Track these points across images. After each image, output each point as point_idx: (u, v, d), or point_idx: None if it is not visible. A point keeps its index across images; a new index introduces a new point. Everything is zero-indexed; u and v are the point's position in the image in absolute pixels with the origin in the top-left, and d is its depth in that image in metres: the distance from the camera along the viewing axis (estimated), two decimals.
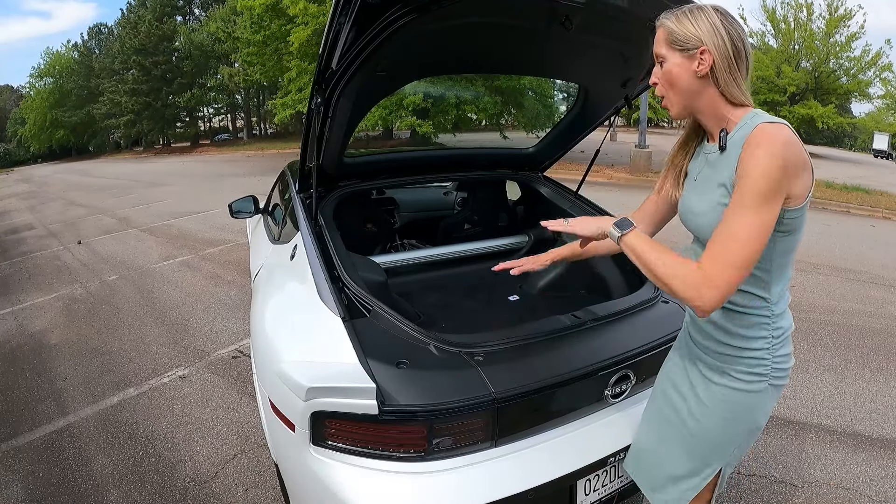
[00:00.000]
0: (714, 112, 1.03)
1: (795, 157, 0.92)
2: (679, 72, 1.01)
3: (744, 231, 0.92)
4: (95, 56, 44.42)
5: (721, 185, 1.01)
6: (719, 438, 1.16)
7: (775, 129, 0.92)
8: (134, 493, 2.13)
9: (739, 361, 1.09)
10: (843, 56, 24.73)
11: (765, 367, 1.08)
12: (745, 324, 1.07)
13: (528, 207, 2.98)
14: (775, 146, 0.90)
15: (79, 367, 3.34)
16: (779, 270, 1.04)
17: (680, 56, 1.01)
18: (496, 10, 1.55)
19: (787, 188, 0.92)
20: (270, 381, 1.45)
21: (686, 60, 1.00)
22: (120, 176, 19.69)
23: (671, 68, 1.02)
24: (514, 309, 2.25)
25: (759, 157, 0.90)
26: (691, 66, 1.00)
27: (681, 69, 1.01)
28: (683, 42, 1.00)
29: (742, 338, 1.07)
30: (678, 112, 1.06)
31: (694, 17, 1.00)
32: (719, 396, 1.12)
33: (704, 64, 0.98)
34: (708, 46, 0.98)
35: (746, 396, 1.10)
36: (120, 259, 6.20)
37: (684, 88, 1.02)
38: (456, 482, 1.24)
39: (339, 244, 1.77)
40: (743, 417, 1.12)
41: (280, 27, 16.23)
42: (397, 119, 14.04)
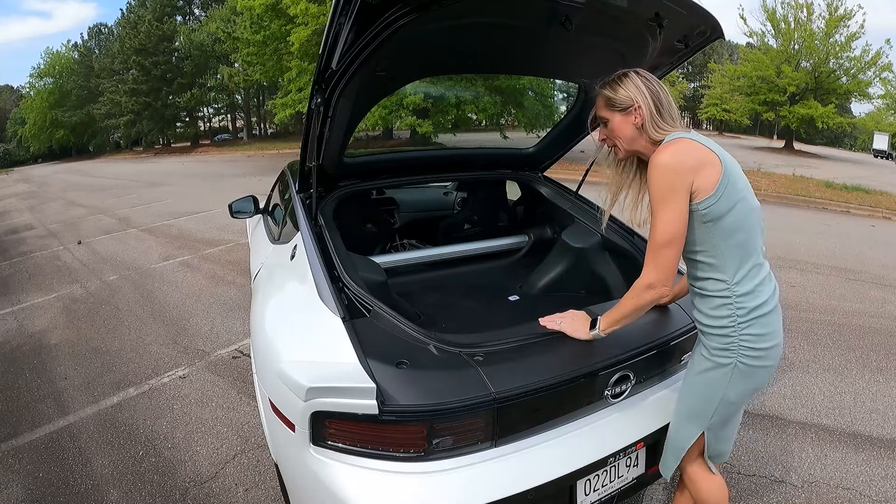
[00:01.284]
0: (645, 150, 1.31)
1: (682, 161, 1.18)
2: (621, 126, 1.31)
3: (658, 222, 1.20)
4: (95, 56, 44.45)
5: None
6: (696, 405, 1.36)
7: (666, 149, 1.21)
8: (134, 493, 2.13)
9: (711, 338, 1.29)
10: (842, 56, 24.74)
11: (732, 344, 1.25)
12: (710, 305, 1.28)
13: (528, 207, 2.98)
14: (662, 159, 1.19)
15: (79, 367, 3.34)
16: (730, 253, 1.22)
17: (620, 115, 1.30)
18: (496, 10, 1.54)
19: (683, 184, 1.18)
20: (270, 381, 1.45)
21: (625, 117, 1.30)
22: (120, 176, 19.70)
23: (614, 125, 1.32)
24: (514, 309, 2.25)
25: (651, 173, 1.21)
26: (629, 120, 1.29)
27: (623, 124, 1.31)
28: (621, 104, 1.29)
29: (709, 316, 1.28)
30: (624, 155, 1.36)
31: (623, 83, 1.29)
32: (698, 366, 1.34)
33: (639, 118, 1.28)
34: (639, 102, 1.27)
35: (716, 370, 1.29)
36: (120, 259, 6.20)
37: (628, 137, 1.31)
38: (456, 482, 1.24)
39: (339, 244, 1.77)
40: (714, 389, 1.31)
41: (280, 27, 16.22)
42: (397, 119, 14.03)
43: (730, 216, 1.20)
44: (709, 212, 1.20)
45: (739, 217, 1.21)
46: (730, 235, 1.21)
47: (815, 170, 15.59)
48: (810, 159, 22.19)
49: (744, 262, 1.23)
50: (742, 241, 1.23)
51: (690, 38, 1.81)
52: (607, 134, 1.34)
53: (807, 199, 9.48)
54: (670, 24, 1.65)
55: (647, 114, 1.26)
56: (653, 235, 1.22)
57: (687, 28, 1.75)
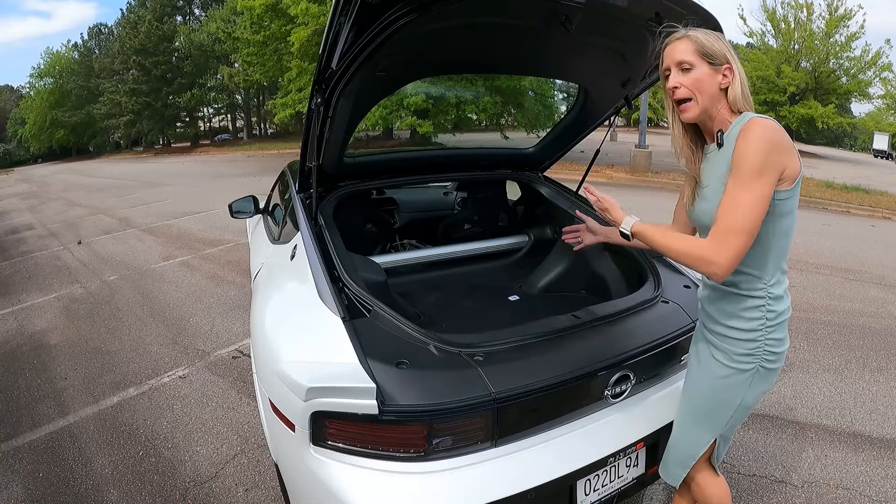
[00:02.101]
0: (721, 118, 1.17)
1: (782, 140, 1.08)
2: (708, 80, 1.14)
3: (743, 202, 1.07)
4: (95, 56, 44.43)
5: (723, 175, 1.13)
6: (712, 411, 1.30)
7: (764, 119, 1.09)
8: (134, 493, 2.13)
9: (735, 343, 1.22)
10: (842, 56, 24.73)
11: (756, 349, 1.20)
12: (741, 306, 1.19)
13: (528, 207, 2.98)
14: (765, 130, 1.06)
15: (79, 367, 3.34)
16: (775, 252, 1.16)
17: (708, 67, 1.14)
18: (496, 10, 1.55)
19: (779, 165, 1.07)
20: (270, 381, 1.45)
21: (713, 72, 1.14)
22: (120, 176, 19.70)
23: (701, 76, 1.14)
24: (514, 309, 2.25)
25: (751, 139, 1.06)
26: (716, 78, 1.14)
27: (710, 78, 1.14)
28: (712, 56, 1.13)
29: (737, 318, 1.20)
30: (696, 115, 1.16)
31: (718, 37, 1.16)
32: (714, 372, 1.27)
33: (728, 79, 1.14)
34: (732, 65, 1.14)
35: (737, 375, 1.23)
36: (120, 259, 6.20)
37: (710, 95, 1.15)
38: (456, 482, 1.24)
39: (339, 244, 1.76)
40: (733, 394, 1.26)
41: (280, 27, 16.22)
42: (397, 119, 14.03)
43: (792, 215, 1.15)
44: (782, 204, 1.12)
45: (795, 217, 1.16)
46: (784, 234, 1.15)
47: (815, 170, 15.58)
48: (810, 159, 22.18)
49: (781, 263, 1.18)
50: (787, 243, 1.18)
51: None
52: (685, 83, 1.14)
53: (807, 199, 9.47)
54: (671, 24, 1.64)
55: (739, 78, 1.14)
56: (731, 215, 1.07)
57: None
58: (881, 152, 28.90)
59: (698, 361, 1.34)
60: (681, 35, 1.17)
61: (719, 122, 1.17)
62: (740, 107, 1.14)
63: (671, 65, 1.17)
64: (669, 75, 1.18)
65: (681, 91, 1.15)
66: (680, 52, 1.15)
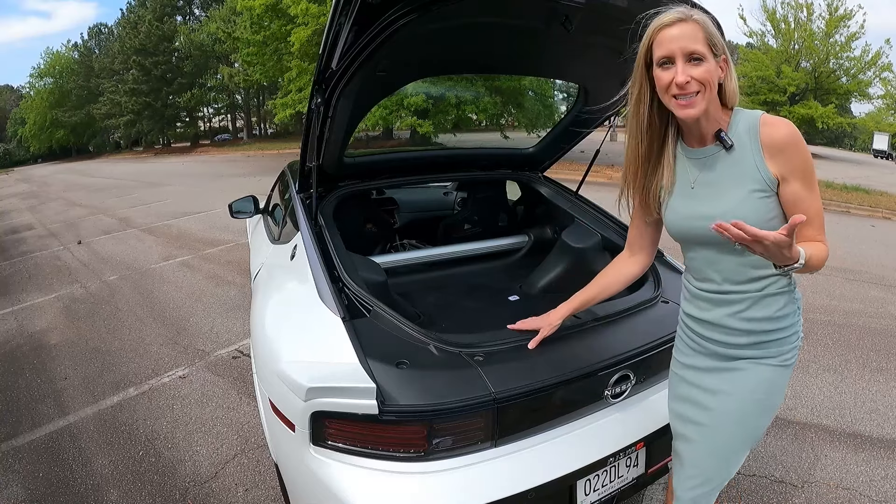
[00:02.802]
0: (715, 116, 1.07)
1: None
2: (715, 74, 1.02)
3: (819, 202, 1.06)
4: (95, 56, 44.47)
5: (747, 177, 1.04)
6: (759, 427, 1.19)
7: (785, 121, 1.04)
8: (134, 493, 2.13)
9: (782, 342, 1.13)
10: (842, 56, 24.72)
11: (798, 339, 1.16)
12: (777, 305, 1.11)
13: (528, 207, 2.98)
14: (798, 132, 1.03)
15: (79, 367, 3.34)
16: None
17: (713, 59, 1.01)
18: (496, 10, 1.55)
19: None
20: (270, 381, 1.45)
21: (715, 65, 1.02)
22: (120, 176, 19.70)
23: (711, 70, 1.01)
24: (514, 309, 2.25)
25: (801, 144, 1.03)
26: (717, 69, 1.02)
27: (716, 72, 1.02)
28: (716, 46, 1.01)
29: (780, 319, 1.12)
30: (699, 113, 1.02)
31: (716, 25, 1.04)
32: (755, 380, 1.14)
33: (724, 72, 1.04)
34: (727, 56, 1.04)
35: (783, 372, 1.15)
36: (120, 259, 6.20)
37: (714, 91, 1.03)
38: (456, 482, 1.24)
39: (339, 244, 1.76)
40: (779, 395, 1.18)
41: (280, 27, 16.24)
42: (397, 119, 14.04)
43: None
44: None
45: None
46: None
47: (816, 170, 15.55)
48: None
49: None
50: None
51: None
52: (697, 77, 0.99)
53: None
54: None
55: (733, 70, 1.06)
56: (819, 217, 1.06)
57: None
58: (881, 152, 28.90)
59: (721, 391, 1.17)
60: (684, 17, 1.01)
61: (714, 121, 1.07)
62: (734, 102, 1.07)
63: (677, 53, 1.00)
64: (669, 65, 1.01)
65: (692, 86, 1.00)
66: (690, 39, 0.99)
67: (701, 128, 1.08)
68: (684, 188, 1.14)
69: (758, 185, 1.04)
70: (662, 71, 1.02)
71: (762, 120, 1.03)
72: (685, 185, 1.14)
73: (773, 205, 1.05)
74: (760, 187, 1.03)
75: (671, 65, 1.01)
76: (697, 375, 1.23)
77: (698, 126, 1.07)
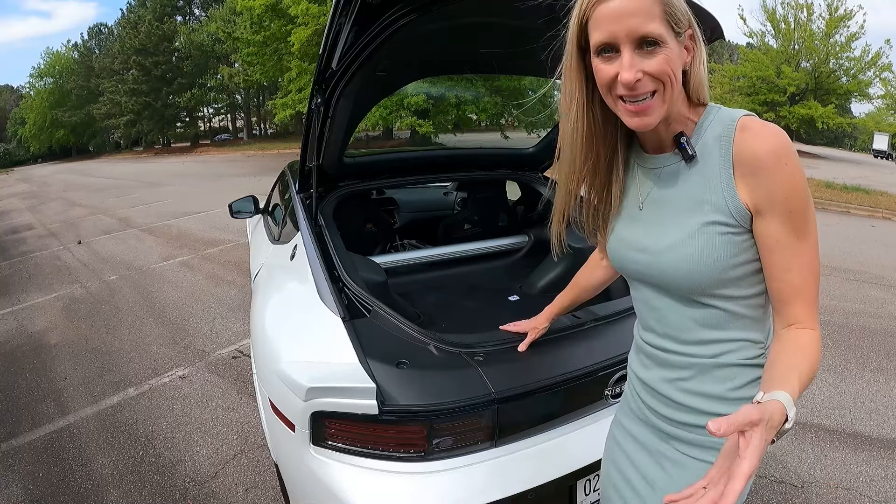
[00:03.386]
0: (678, 115, 0.78)
1: None
2: (678, 61, 0.73)
3: (816, 260, 0.73)
4: (95, 56, 44.49)
5: (702, 201, 0.76)
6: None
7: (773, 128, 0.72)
8: (134, 493, 2.13)
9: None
10: (842, 56, 24.76)
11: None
12: (742, 379, 0.81)
13: (528, 207, 2.98)
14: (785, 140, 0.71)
15: (79, 367, 3.34)
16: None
17: (674, 40, 0.72)
18: (496, 10, 1.54)
19: None
20: (270, 381, 1.45)
21: (679, 46, 0.73)
22: (120, 176, 19.70)
23: (671, 57, 0.71)
24: (514, 309, 2.25)
25: (790, 165, 0.70)
26: (682, 55, 0.74)
27: (678, 58, 0.73)
28: (678, 21, 0.72)
29: (739, 401, 0.80)
30: (656, 121, 0.74)
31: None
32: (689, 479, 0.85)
33: (690, 53, 0.75)
34: (695, 31, 0.76)
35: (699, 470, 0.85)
36: (120, 259, 6.20)
37: (677, 85, 0.74)
38: (456, 482, 1.24)
39: (339, 244, 1.76)
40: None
41: (280, 27, 16.25)
42: (397, 119, 14.05)
43: None
44: None
45: None
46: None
47: (815, 170, 15.59)
48: (810, 159, 22.19)
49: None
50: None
51: None
52: (651, 71, 0.70)
53: None
54: None
55: (702, 52, 0.77)
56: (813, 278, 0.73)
57: None
58: (881, 152, 28.92)
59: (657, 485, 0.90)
60: None
61: (677, 121, 0.78)
62: (702, 96, 0.78)
63: (622, 39, 0.70)
64: (612, 53, 0.72)
65: (644, 85, 0.71)
66: (639, 15, 0.68)
67: (658, 131, 0.80)
68: (631, 208, 0.87)
69: (719, 216, 0.74)
70: (602, 62, 0.73)
71: (741, 123, 0.73)
72: (633, 205, 0.87)
73: (742, 245, 0.75)
74: (722, 218, 0.74)
75: (614, 53, 0.72)
76: (636, 450, 0.96)
77: (654, 130, 0.78)
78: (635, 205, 0.87)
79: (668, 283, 0.81)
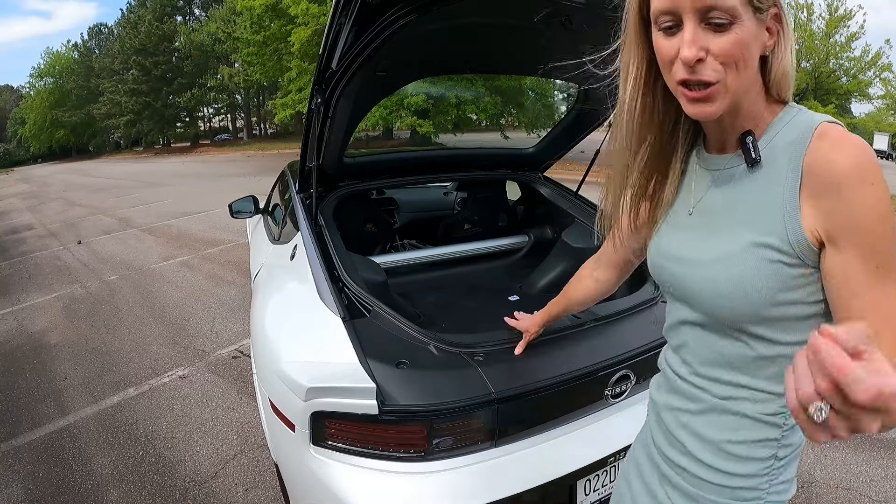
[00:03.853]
0: (751, 111, 0.66)
1: None
2: (755, 44, 0.61)
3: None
4: (95, 56, 44.53)
5: (757, 217, 0.64)
6: None
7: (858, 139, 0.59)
8: (134, 493, 2.13)
9: (722, 492, 0.72)
10: (842, 56, 24.76)
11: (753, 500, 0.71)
12: (748, 435, 0.70)
13: (528, 207, 2.98)
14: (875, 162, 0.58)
15: (79, 367, 3.34)
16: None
17: (754, 18, 0.60)
18: (496, 10, 1.54)
19: None
20: (270, 381, 1.45)
21: (759, 26, 0.61)
22: (120, 176, 19.70)
23: (746, 38, 0.59)
24: (514, 309, 2.24)
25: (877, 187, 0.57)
26: (761, 37, 0.62)
27: (755, 40, 0.61)
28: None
29: (731, 458, 0.71)
30: (719, 111, 0.63)
31: None
32: None
33: (773, 37, 0.63)
34: (781, 11, 0.63)
35: None
36: (120, 259, 6.20)
37: (750, 72, 0.62)
38: (456, 482, 1.24)
39: (339, 244, 1.76)
40: None
41: (280, 27, 16.28)
42: (397, 119, 14.06)
43: None
44: None
45: None
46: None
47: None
48: None
49: None
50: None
51: None
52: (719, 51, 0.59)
53: None
54: None
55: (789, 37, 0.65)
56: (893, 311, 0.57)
57: None
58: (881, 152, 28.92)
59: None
60: None
61: (748, 117, 0.66)
62: (784, 92, 0.65)
63: (685, 8, 0.59)
64: (673, 26, 0.61)
65: (708, 68, 0.60)
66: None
67: (723, 126, 0.68)
68: (680, 212, 0.76)
69: (772, 238, 0.61)
70: (663, 36, 0.63)
71: (820, 129, 0.60)
72: (683, 208, 0.76)
73: (795, 281, 0.62)
74: (776, 242, 0.61)
75: (677, 28, 0.61)
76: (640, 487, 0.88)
77: (719, 124, 0.68)
78: (685, 209, 0.75)
79: (696, 302, 0.70)
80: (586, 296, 1.15)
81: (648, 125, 0.72)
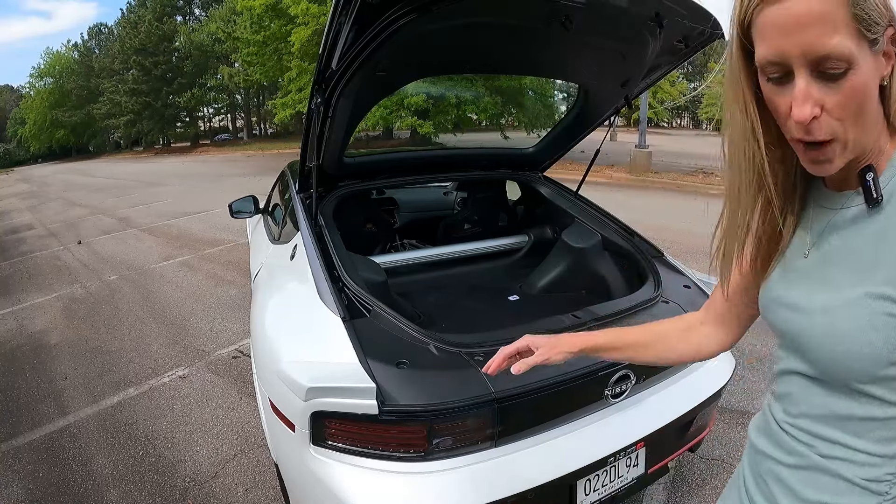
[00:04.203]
0: (867, 143, 0.58)
1: None
2: (872, 82, 0.54)
3: None
4: (95, 56, 44.52)
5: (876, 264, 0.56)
6: None
7: None
8: (134, 493, 2.13)
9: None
10: None
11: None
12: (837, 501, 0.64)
13: (528, 207, 2.98)
14: None
15: (79, 367, 3.34)
16: None
17: (870, 53, 0.52)
18: (496, 10, 1.55)
19: None
20: (270, 381, 1.45)
21: (875, 60, 0.53)
22: (120, 176, 19.70)
23: (863, 80, 0.52)
24: (514, 309, 2.25)
25: None
26: (876, 66, 0.54)
27: (873, 77, 0.54)
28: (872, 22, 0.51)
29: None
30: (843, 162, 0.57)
31: None
32: None
33: (892, 57, 0.55)
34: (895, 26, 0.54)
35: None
36: (120, 259, 6.20)
37: (873, 111, 0.56)
38: (456, 482, 1.24)
39: (339, 244, 1.77)
40: None
41: (280, 27, 16.27)
42: (397, 119, 14.06)
43: None
44: None
45: None
46: None
47: None
48: None
49: None
50: None
51: (690, 38, 1.82)
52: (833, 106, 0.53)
53: None
54: (670, 23, 1.65)
55: None
56: None
57: (687, 28, 1.75)
58: None
59: None
60: None
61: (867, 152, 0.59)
62: None
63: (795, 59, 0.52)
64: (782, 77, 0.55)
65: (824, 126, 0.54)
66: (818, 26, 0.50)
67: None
68: (795, 255, 0.68)
69: (891, 290, 0.54)
70: (774, 86, 0.56)
71: None
72: (798, 251, 0.68)
73: None
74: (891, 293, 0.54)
75: (786, 79, 0.55)
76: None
77: None
78: (800, 252, 0.67)
79: (806, 353, 0.64)
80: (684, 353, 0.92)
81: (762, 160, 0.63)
